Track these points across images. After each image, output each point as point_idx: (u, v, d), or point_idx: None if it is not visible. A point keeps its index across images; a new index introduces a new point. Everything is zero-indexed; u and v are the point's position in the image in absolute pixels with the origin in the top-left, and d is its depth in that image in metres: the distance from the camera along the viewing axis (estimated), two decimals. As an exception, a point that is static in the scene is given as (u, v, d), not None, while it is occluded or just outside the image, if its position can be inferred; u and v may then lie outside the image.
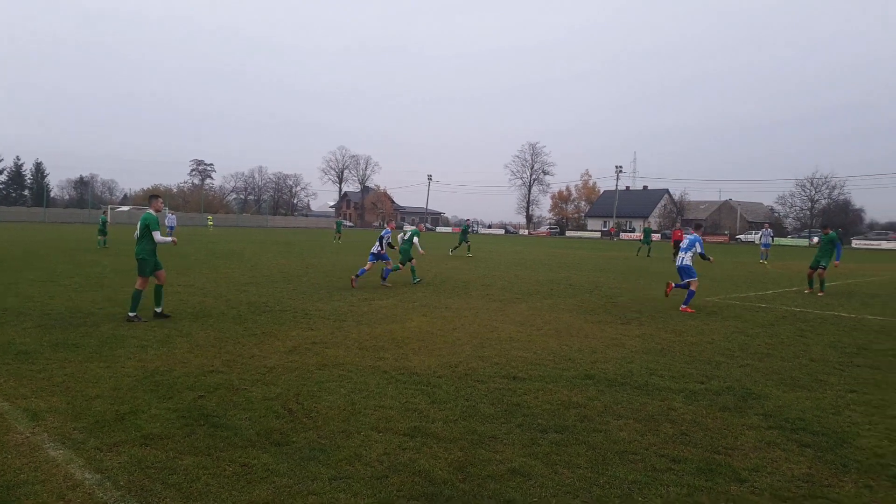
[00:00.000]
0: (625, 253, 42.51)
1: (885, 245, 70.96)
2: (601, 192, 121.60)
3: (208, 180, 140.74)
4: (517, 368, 7.52)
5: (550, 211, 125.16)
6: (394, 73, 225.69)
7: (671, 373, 7.50)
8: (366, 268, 16.02)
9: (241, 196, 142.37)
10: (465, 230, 33.74)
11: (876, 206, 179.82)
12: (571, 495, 4.10)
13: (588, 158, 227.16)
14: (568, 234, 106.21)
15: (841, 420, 5.85)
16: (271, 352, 8.08)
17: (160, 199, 10.79)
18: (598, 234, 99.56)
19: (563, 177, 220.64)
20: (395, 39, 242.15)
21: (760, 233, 37.35)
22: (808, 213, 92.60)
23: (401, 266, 17.06)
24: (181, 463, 4.40)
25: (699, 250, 13.54)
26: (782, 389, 6.89)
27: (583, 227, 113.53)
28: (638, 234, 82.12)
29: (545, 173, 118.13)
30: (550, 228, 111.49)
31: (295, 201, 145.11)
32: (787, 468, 4.66)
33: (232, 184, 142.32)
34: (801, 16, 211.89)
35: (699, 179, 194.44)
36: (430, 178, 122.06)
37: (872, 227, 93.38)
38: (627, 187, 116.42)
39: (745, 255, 42.49)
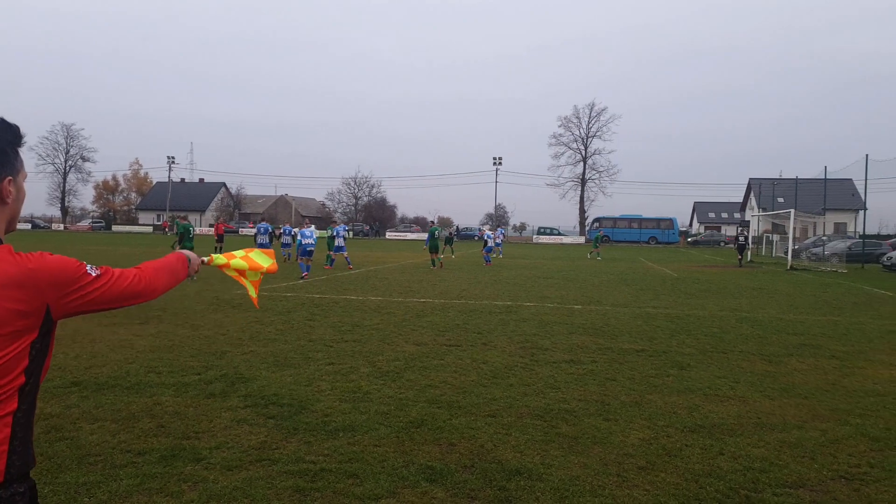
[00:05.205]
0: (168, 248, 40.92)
1: (409, 236, 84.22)
2: (154, 183, 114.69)
3: None
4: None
5: (94, 203, 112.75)
6: None
7: (171, 368, 7.59)
8: None
9: None
10: None
11: (405, 202, 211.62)
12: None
13: (139, 147, 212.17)
14: (115, 228, 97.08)
15: (310, 390, 6.77)
16: None
17: None
18: (150, 229, 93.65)
19: (108, 164, 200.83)
20: None
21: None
22: (353, 208, 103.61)
23: None
24: None
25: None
26: (272, 370, 7.62)
27: (134, 221, 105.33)
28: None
29: (84, 160, 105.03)
30: (94, 222, 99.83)
31: None
32: (245, 440, 5.19)
33: None
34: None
35: (255, 174, 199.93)
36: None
37: (403, 220, 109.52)
38: (183, 179, 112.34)
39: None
